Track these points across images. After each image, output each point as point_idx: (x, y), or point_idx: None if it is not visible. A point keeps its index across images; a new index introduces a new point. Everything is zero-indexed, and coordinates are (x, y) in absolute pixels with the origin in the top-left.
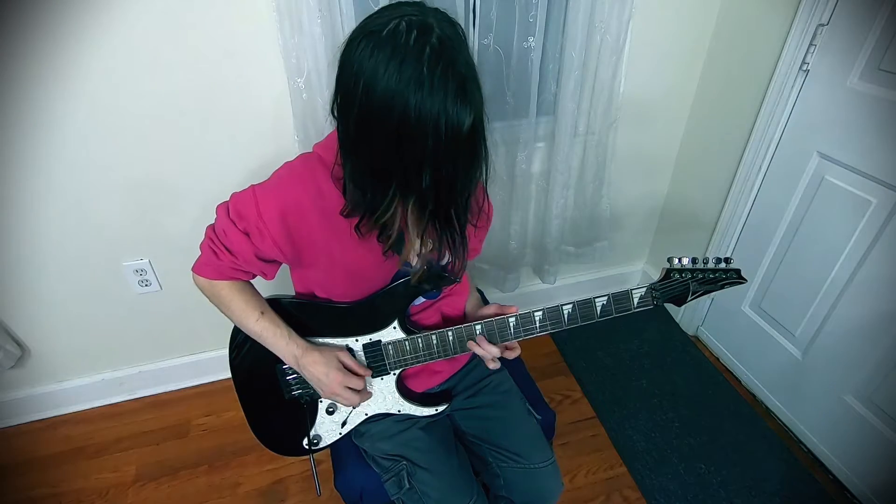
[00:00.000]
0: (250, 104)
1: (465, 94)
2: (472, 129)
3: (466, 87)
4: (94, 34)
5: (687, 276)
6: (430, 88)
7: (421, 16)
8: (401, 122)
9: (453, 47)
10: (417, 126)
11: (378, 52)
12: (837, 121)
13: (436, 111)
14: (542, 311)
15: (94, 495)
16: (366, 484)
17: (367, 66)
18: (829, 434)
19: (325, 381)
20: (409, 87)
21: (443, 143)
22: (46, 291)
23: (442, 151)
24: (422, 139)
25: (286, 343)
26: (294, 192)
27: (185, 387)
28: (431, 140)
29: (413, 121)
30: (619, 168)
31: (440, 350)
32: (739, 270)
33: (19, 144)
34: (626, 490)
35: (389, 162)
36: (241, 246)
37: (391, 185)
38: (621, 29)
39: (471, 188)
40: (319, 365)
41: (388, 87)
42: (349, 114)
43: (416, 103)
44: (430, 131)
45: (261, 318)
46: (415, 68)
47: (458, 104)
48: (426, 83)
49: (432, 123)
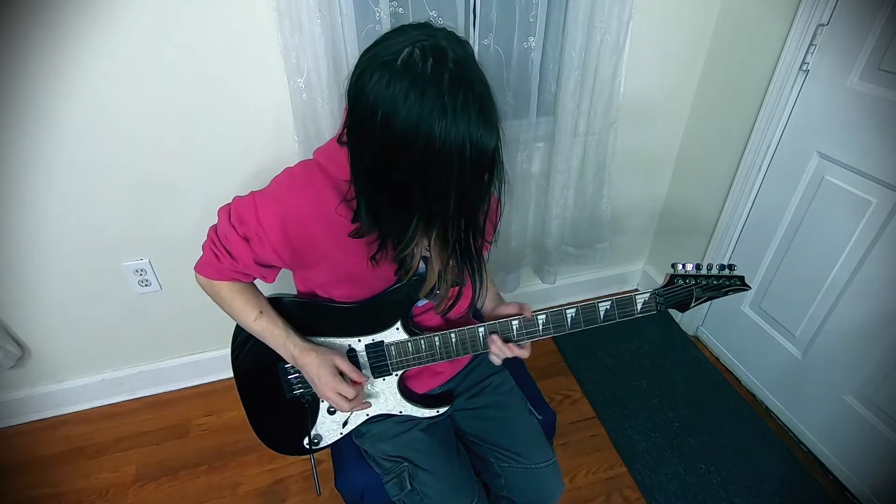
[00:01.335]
0: (250, 104)
1: (487, 117)
2: (495, 149)
3: (487, 110)
4: (93, 34)
5: (691, 283)
6: (454, 116)
7: (432, 39)
8: (425, 151)
9: (470, 69)
10: (442, 154)
11: (395, 83)
12: (837, 121)
13: (461, 138)
14: (545, 314)
15: (94, 495)
16: (366, 484)
17: (384, 97)
18: (829, 434)
19: (317, 382)
20: (433, 116)
21: (468, 169)
22: (46, 291)
23: (468, 176)
24: (447, 166)
25: (284, 342)
26: (294, 199)
27: (185, 387)
28: (457, 167)
29: (438, 149)
30: (619, 168)
31: (443, 351)
32: (743, 277)
33: (19, 144)
34: (626, 490)
35: (412, 192)
36: (240, 251)
37: (414, 215)
38: (621, 29)
39: (488, 205)
40: (313, 367)
41: (409, 118)
42: (366, 146)
43: (440, 132)
44: (456, 158)
45: (259, 318)
46: (437, 97)
47: (481, 128)
48: (449, 111)
49: (457, 150)
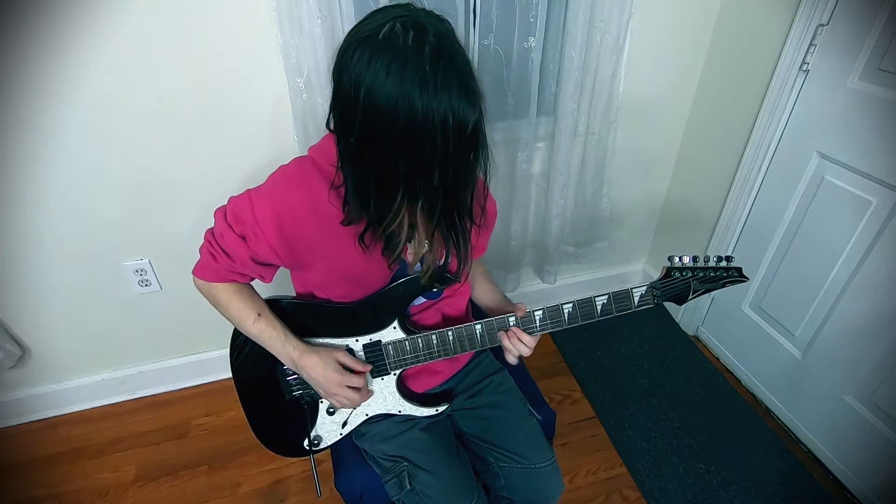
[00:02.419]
0: (250, 104)
1: (468, 90)
2: (477, 123)
3: (468, 83)
4: (94, 34)
5: (688, 275)
6: (435, 88)
7: (412, 16)
8: (408, 124)
9: (450, 43)
10: (424, 126)
11: (377, 58)
12: (837, 121)
13: (443, 110)
14: (542, 310)
15: (94, 495)
16: (366, 484)
17: (366, 73)
18: (829, 434)
19: (324, 382)
20: (414, 88)
21: (451, 141)
22: (46, 291)
23: (451, 149)
24: (430, 139)
25: (282, 345)
26: (289, 196)
27: (185, 387)
28: (440, 139)
29: (420, 122)
30: (619, 168)
31: (440, 350)
32: (741, 269)
33: (19, 145)
34: (626, 490)
35: (396, 168)
36: (237, 249)
37: (398, 191)
38: (621, 29)
39: (474, 184)
40: (318, 367)
41: (391, 92)
42: (351, 125)
43: (422, 104)
44: (439, 130)
45: (258, 320)
46: (417, 69)
47: (463, 101)
48: (430, 83)
49: (440, 122)
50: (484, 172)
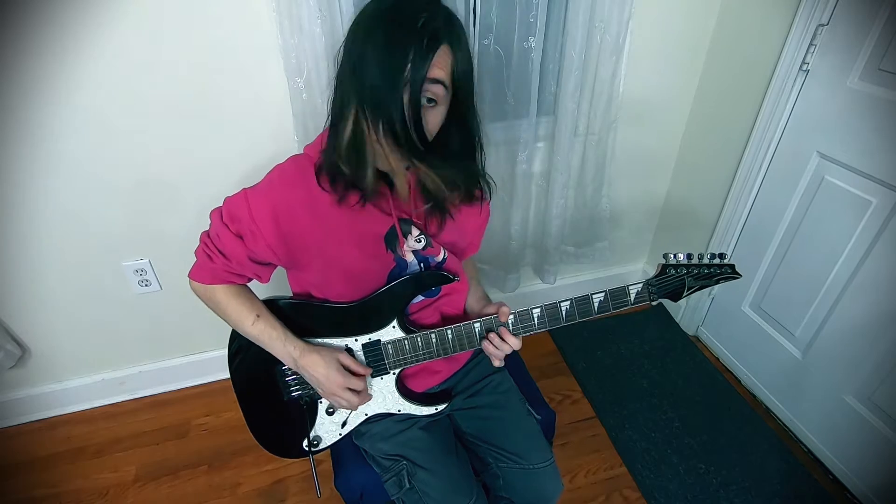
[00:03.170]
0: (250, 104)
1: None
2: (451, 23)
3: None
4: (94, 35)
5: (682, 272)
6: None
7: None
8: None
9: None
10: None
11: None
12: (837, 121)
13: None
14: (539, 307)
15: (94, 495)
16: (366, 484)
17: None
18: (829, 434)
19: (326, 382)
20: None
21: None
22: (46, 291)
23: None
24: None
25: (283, 345)
26: (285, 193)
27: (185, 387)
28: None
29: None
30: (619, 168)
31: (439, 349)
32: (734, 266)
33: (19, 145)
34: (626, 490)
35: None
36: (234, 248)
37: (350, 101)
38: (621, 29)
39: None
40: (319, 367)
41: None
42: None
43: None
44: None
45: (257, 321)
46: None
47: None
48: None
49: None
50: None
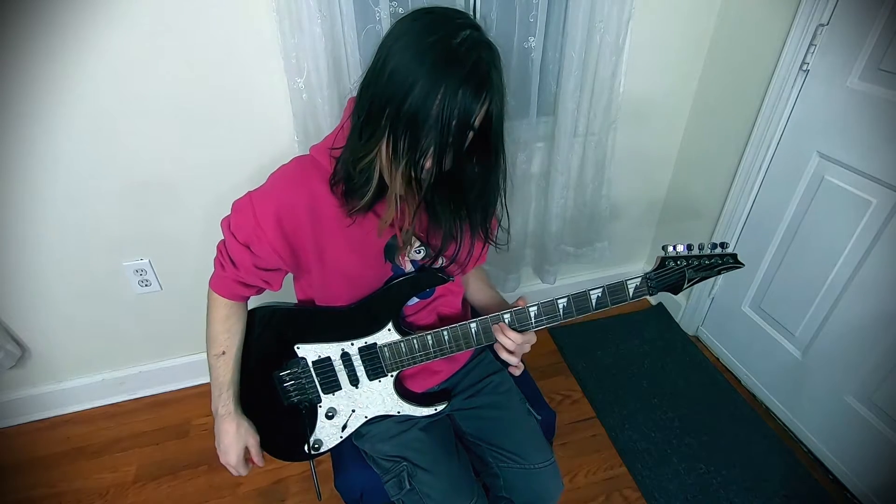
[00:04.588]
0: (250, 104)
1: (485, 77)
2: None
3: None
4: (93, 34)
5: (682, 264)
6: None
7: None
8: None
9: (491, 51)
10: (426, 103)
11: (414, 24)
12: (837, 121)
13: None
14: (536, 305)
15: (94, 495)
16: (366, 484)
17: (394, 45)
18: (829, 434)
19: (224, 450)
20: (431, 60)
21: (450, 126)
22: (47, 291)
23: (448, 132)
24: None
25: (219, 395)
26: (288, 194)
27: (185, 387)
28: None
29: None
30: (618, 168)
31: (436, 350)
32: (736, 255)
33: (19, 145)
34: (626, 490)
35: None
36: (242, 257)
37: (381, 129)
38: (621, 29)
39: (474, 182)
40: (228, 437)
41: (407, 55)
42: (364, 93)
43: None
44: (441, 111)
45: (220, 357)
46: (446, 32)
47: (470, 92)
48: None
49: (443, 99)
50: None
